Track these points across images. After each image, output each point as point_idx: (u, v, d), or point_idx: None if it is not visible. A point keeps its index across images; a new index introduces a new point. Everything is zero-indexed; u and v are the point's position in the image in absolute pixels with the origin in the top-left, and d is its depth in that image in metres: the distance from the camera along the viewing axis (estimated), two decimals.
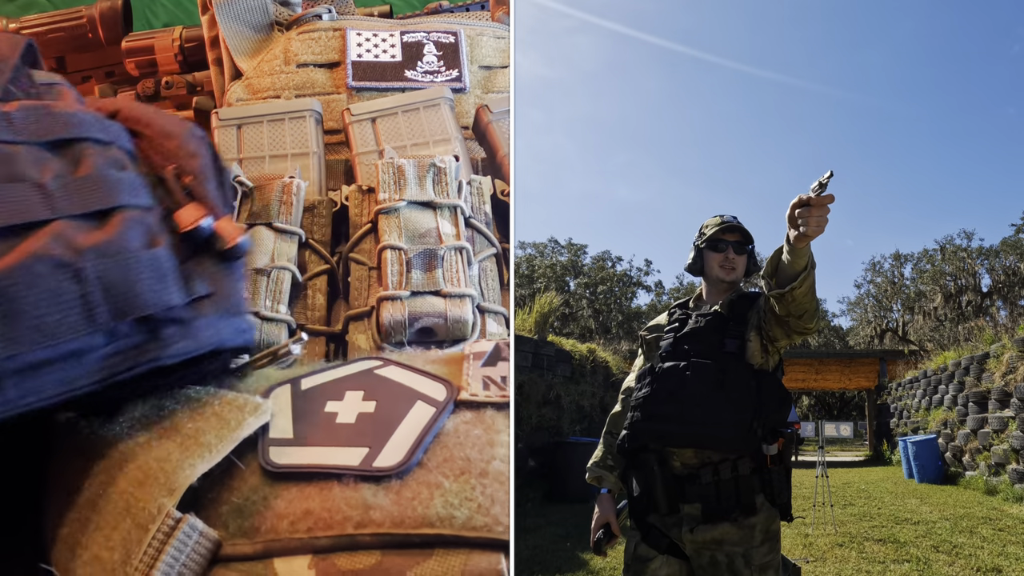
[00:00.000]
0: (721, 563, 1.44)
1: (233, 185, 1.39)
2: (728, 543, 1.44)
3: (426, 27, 1.74)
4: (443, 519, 0.82)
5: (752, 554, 1.44)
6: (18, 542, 0.96)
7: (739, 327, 1.53)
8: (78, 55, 2.11)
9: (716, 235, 1.63)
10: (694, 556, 1.47)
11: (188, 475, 0.84)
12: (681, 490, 1.47)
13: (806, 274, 1.34)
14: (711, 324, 1.54)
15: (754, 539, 1.45)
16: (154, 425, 0.93)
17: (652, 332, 1.68)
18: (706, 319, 1.56)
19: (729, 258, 1.61)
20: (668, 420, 1.47)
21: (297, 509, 0.83)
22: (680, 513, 1.47)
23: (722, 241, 1.63)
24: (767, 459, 1.46)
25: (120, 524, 0.83)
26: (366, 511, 0.82)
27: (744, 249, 1.64)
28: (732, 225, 1.63)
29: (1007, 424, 6.53)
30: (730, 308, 1.57)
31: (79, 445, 0.94)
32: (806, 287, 1.36)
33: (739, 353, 1.50)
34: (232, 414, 0.91)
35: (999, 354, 7.04)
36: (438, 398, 0.95)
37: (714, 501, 1.44)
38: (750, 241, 1.65)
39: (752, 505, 1.45)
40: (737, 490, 1.45)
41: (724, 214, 1.67)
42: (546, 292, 9.45)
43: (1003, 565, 3.74)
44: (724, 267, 1.61)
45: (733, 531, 1.44)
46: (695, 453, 1.47)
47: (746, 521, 1.45)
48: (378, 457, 0.87)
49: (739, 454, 1.46)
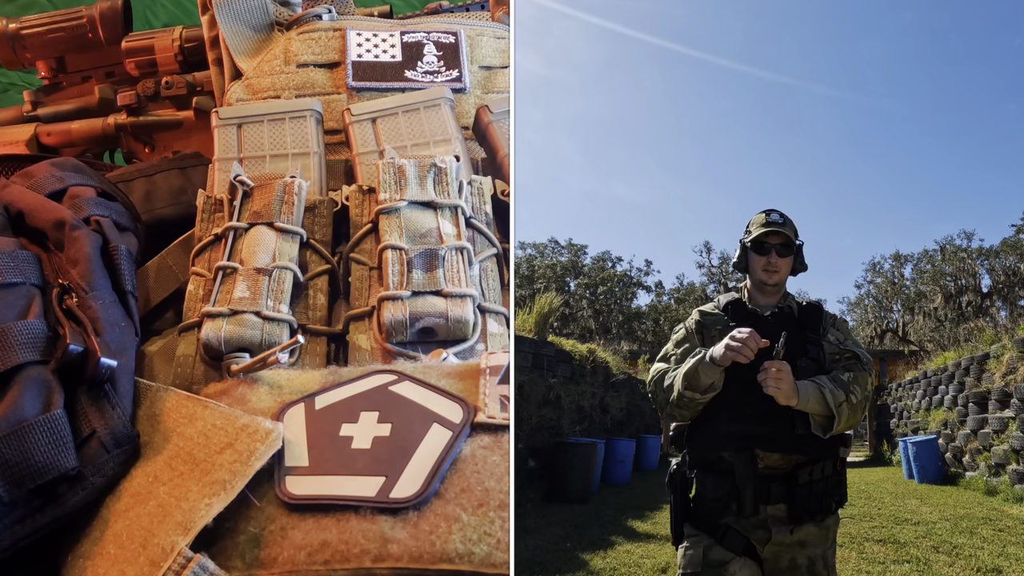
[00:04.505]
0: (801, 566, 1.47)
1: (234, 184, 1.39)
2: (810, 544, 1.48)
3: (426, 27, 1.74)
4: (462, 555, 0.81)
5: (828, 555, 1.50)
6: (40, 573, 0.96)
7: (815, 334, 1.55)
8: (78, 55, 2.11)
9: (760, 237, 1.62)
10: (772, 559, 1.48)
11: (204, 515, 0.84)
12: (767, 491, 1.47)
13: (838, 424, 1.43)
14: (789, 326, 1.53)
15: (829, 539, 1.51)
16: (164, 449, 0.93)
17: (706, 317, 1.62)
18: (782, 321, 1.55)
19: (772, 262, 1.60)
20: (765, 423, 1.46)
21: (314, 540, 0.83)
22: (760, 515, 1.47)
23: (766, 243, 1.61)
24: (838, 461, 1.51)
25: (136, 559, 0.84)
26: (384, 544, 0.82)
27: (789, 251, 1.62)
28: (775, 229, 1.61)
29: (1007, 425, 6.52)
30: (800, 312, 1.59)
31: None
32: (842, 429, 1.46)
33: (819, 359, 1.53)
34: (245, 443, 0.91)
35: (999, 355, 7.03)
36: (454, 420, 0.94)
37: (804, 502, 1.46)
38: (795, 241, 1.64)
39: (830, 506, 1.50)
40: (824, 491, 1.48)
41: (771, 212, 1.65)
42: (546, 292, 9.45)
43: (1003, 566, 3.74)
44: (767, 271, 1.60)
45: (815, 532, 1.48)
46: (782, 456, 1.48)
47: (823, 522, 1.49)
48: (395, 487, 0.86)
49: (826, 457, 1.49)
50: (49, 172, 1.36)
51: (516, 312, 7.70)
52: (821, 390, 1.44)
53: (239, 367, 1.10)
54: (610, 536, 4.50)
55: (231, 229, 1.34)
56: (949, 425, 7.96)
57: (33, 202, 1.24)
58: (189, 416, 0.99)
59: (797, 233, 1.65)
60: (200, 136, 1.97)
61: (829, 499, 1.50)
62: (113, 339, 1.06)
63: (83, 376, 0.99)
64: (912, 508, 5.79)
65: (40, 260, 1.15)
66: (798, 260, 1.66)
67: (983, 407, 7.17)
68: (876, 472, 9.57)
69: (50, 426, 0.92)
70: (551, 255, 22.81)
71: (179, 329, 1.27)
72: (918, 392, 9.71)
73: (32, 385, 0.94)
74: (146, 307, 1.37)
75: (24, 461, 0.89)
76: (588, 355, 8.09)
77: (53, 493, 0.92)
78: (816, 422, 1.45)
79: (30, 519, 0.90)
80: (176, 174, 1.67)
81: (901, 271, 22.51)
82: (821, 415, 1.45)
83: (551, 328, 8.27)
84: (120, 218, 1.34)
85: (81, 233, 1.18)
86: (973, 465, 7.18)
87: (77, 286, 1.10)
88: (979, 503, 5.98)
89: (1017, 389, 6.36)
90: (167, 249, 1.45)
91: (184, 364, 1.22)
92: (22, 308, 1.04)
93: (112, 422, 0.97)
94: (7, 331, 0.97)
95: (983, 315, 16.28)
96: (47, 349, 0.99)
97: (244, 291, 1.25)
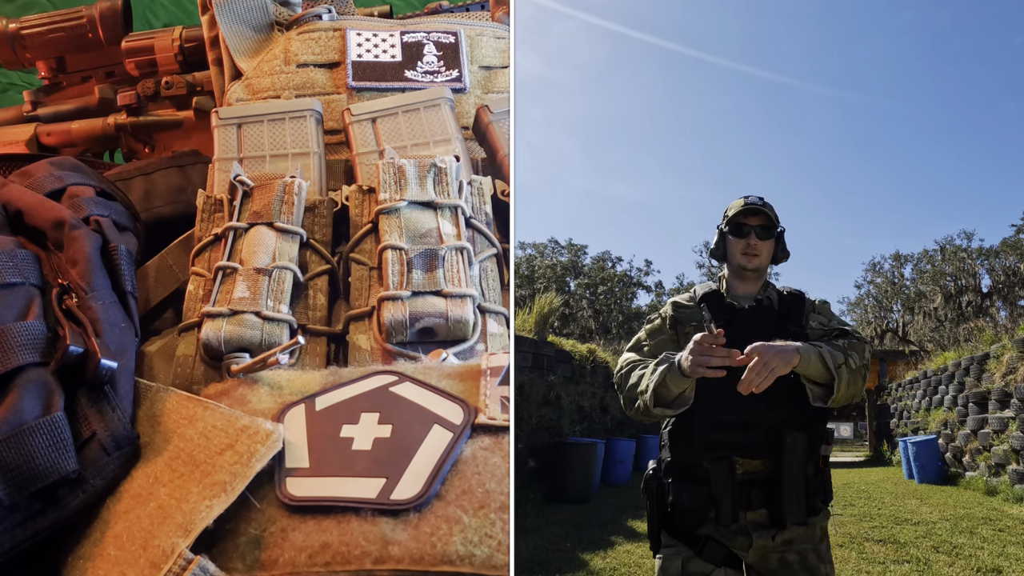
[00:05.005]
0: (793, 562, 1.42)
1: (234, 184, 1.39)
2: (797, 541, 1.44)
3: (426, 27, 1.74)
4: (463, 557, 0.81)
5: (820, 548, 1.46)
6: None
7: (795, 327, 1.47)
8: (78, 55, 2.11)
9: (738, 219, 1.54)
10: (759, 562, 1.44)
11: (204, 517, 0.84)
12: (747, 498, 1.41)
13: (837, 390, 1.35)
14: (769, 321, 1.47)
15: (817, 535, 1.46)
16: (164, 450, 0.93)
17: (680, 311, 1.54)
18: (760, 315, 1.48)
19: (751, 244, 1.52)
20: (745, 430, 1.41)
21: (315, 542, 0.83)
22: (740, 522, 1.42)
23: (745, 225, 1.53)
24: (820, 460, 1.46)
25: (137, 561, 0.83)
26: (384, 546, 0.81)
27: (769, 234, 1.54)
28: (756, 208, 1.53)
29: (1007, 425, 6.52)
30: (780, 304, 1.51)
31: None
32: (842, 397, 1.37)
33: None
34: (245, 445, 0.91)
35: (999, 355, 7.03)
36: (455, 421, 0.94)
37: (790, 505, 1.41)
38: (776, 225, 1.56)
39: (815, 506, 1.46)
40: (807, 492, 1.43)
41: (750, 196, 1.57)
42: (546, 292, 9.45)
43: (1003, 566, 3.74)
44: (747, 254, 1.52)
45: (800, 531, 1.44)
46: (763, 461, 1.43)
47: (810, 521, 1.45)
48: (395, 489, 0.86)
49: (808, 458, 1.43)
50: (48, 171, 1.36)
51: (516, 312, 7.70)
52: (819, 350, 1.35)
53: (239, 367, 1.10)
54: (610, 536, 4.50)
55: (231, 229, 1.34)
56: (949, 425, 7.96)
57: (32, 201, 1.23)
58: (189, 417, 0.99)
59: (778, 219, 1.57)
60: (200, 136, 1.97)
61: (813, 499, 1.44)
62: (113, 340, 1.05)
63: (83, 377, 0.99)
64: (912, 508, 5.79)
65: (39, 260, 1.15)
66: (780, 247, 1.58)
67: (983, 407, 7.17)
68: (876, 472, 9.57)
69: (50, 429, 0.91)
70: (551, 255, 22.82)
71: (179, 329, 1.27)
72: (918, 392, 9.71)
73: (32, 387, 0.94)
74: (146, 307, 1.37)
75: (24, 464, 0.89)
76: (588, 355, 8.09)
77: (54, 496, 0.92)
78: (814, 393, 1.37)
79: (31, 522, 0.90)
80: (175, 172, 1.66)
81: (901, 271, 22.53)
82: (819, 384, 1.37)
83: (551, 328, 8.27)
84: (119, 217, 1.33)
85: (80, 233, 1.18)
86: (973, 465, 7.18)
87: (77, 286, 1.10)
88: (979, 503, 5.98)
89: (1017, 389, 6.36)
90: (167, 249, 1.45)
91: (184, 364, 1.22)
92: (21, 309, 1.03)
93: (112, 424, 0.97)
94: (7, 332, 0.97)
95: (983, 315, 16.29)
96: (47, 350, 0.99)
97: (244, 291, 1.24)
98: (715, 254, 1.62)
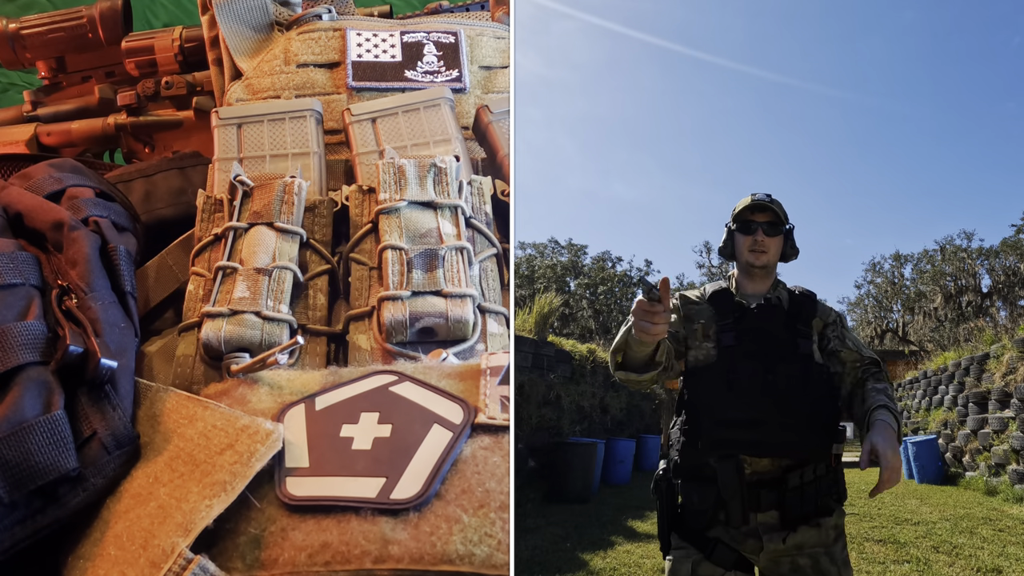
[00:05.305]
0: (804, 567, 1.40)
1: (234, 184, 1.39)
2: (809, 546, 1.41)
3: (426, 27, 1.74)
4: (462, 556, 0.81)
5: (834, 551, 1.42)
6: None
7: (806, 327, 1.46)
8: (78, 55, 2.11)
9: (745, 215, 1.53)
10: (771, 566, 1.42)
11: (204, 516, 0.84)
12: (756, 499, 1.39)
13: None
14: (778, 320, 1.46)
15: (831, 537, 1.43)
16: (164, 450, 0.93)
17: (688, 306, 1.53)
18: (768, 314, 1.47)
19: (759, 241, 1.51)
20: (753, 428, 1.38)
21: (315, 541, 0.83)
22: (750, 524, 1.40)
23: (752, 222, 1.52)
24: (832, 458, 1.44)
25: (137, 560, 0.84)
26: (384, 546, 0.81)
27: (777, 230, 1.53)
28: (763, 204, 1.52)
29: (1007, 425, 6.52)
30: (791, 303, 1.50)
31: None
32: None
33: (811, 354, 1.45)
34: (245, 444, 0.91)
35: (999, 355, 7.03)
36: (455, 421, 0.94)
37: (796, 507, 1.39)
38: (784, 222, 1.55)
39: (828, 506, 1.43)
40: (817, 492, 1.41)
41: (757, 193, 1.57)
42: (546, 292, 9.45)
43: (1003, 566, 3.74)
44: (754, 251, 1.52)
45: (812, 533, 1.41)
46: (771, 460, 1.41)
47: (822, 522, 1.42)
48: (395, 488, 0.86)
49: (818, 458, 1.41)
50: (47, 173, 1.36)
51: (516, 312, 7.69)
52: (896, 424, 1.38)
53: (239, 367, 1.10)
54: (610, 536, 4.51)
55: (231, 229, 1.34)
56: (949, 425, 7.96)
57: (31, 203, 1.24)
58: (189, 417, 0.99)
59: (787, 216, 1.56)
60: (200, 136, 1.97)
61: (826, 499, 1.42)
62: (113, 340, 1.06)
63: (83, 377, 0.99)
64: (912, 508, 5.79)
65: (39, 261, 1.15)
66: (788, 244, 1.57)
67: (983, 407, 7.17)
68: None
69: (50, 427, 0.92)
70: (551, 255, 22.83)
71: (179, 329, 1.27)
72: (918, 392, 9.71)
73: (32, 386, 0.94)
74: (146, 307, 1.37)
75: (24, 462, 0.89)
76: (588, 355, 8.09)
77: (54, 494, 0.92)
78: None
79: (31, 520, 0.90)
80: (175, 174, 1.66)
81: (901, 271, 22.54)
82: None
83: (551, 328, 8.27)
84: (119, 218, 1.34)
85: (80, 234, 1.18)
86: (973, 465, 7.18)
87: (76, 287, 1.10)
88: (979, 503, 5.99)
89: (1017, 389, 6.36)
90: (167, 249, 1.45)
91: (184, 364, 1.22)
92: (22, 309, 1.04)
93: (113, 423, 0.97)
94: (7, 332, 0.97)
95: (983, 315, 16.29)
96: (47, 350, 0.99)
97: (244, 291, 1.24)
98: (723, 252, 1.61)
